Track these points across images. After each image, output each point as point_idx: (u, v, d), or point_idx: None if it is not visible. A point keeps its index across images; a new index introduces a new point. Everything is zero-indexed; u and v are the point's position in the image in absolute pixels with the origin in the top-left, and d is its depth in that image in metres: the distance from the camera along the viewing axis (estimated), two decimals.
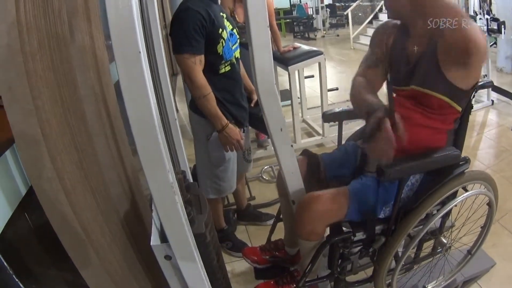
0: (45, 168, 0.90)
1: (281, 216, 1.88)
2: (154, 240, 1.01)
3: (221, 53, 1.81)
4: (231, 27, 1.90)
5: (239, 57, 1.99)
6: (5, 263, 0.96)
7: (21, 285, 0.96)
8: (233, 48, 1.89)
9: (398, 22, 1.53)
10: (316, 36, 11.59)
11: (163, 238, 1.00)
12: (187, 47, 1.69)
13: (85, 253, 1.03)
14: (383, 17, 9.57)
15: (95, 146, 1.25)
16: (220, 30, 1.77)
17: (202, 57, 1.76)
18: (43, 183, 0.91)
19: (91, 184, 1.13)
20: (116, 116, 1.54)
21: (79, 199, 1.01)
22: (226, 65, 1.87)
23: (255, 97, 1.96)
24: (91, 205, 1.09)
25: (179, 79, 4.70)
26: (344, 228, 1.52)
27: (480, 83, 1.43)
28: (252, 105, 2.20)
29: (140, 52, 0.75)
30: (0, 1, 0.83)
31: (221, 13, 1.85)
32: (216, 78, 1.86)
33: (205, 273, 1.08)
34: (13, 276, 0.97)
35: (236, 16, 3.08)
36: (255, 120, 2.17)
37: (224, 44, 1.80)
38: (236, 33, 1.95)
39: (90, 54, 1.34)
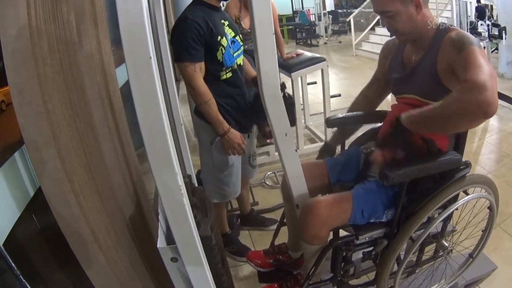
0: (55, 169, 0.92)
1: (284, 220, 1.89)
2: (161, 242, 1.02)
3: (221, 60, 1.83)
4: (233, 34, 1.92)
5: (242, 64, 2.01)
6: (12, 264, 0.97)
7: (28, 286, 0.97)
8: (234, 55, 1.91)
9: None
10: (318, 42, 11.64)
11: (170, 240, 1.01)
12: (186, 56, 1.74)
13: (92, 254, 1.04)
14: None
15: (102, 149, 1.27)
16: (219, 37, 1.80)
17: (202, 64, 1.80)
18: (53, 184, 0.93)
19: (98, 186, 1.14)
20: (122, 119, 1.56)
21: (87, 201, 1.02)
22: (227, 71, 1.89)
23: None
24: (98, 206, 1.11)
25: (182, 85, 4.72)
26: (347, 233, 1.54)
27: None
28: None
29: (150, 58, 0.76)
30: (12, 6, 0.84)
31: (222, 21, 1.87)
32: (218, 84, 1.89)
33: (211, 276, 1.10)
34: (21, 276, 0.98)
35: (242, 23, 3.11)
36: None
37: (224, 51, 1.82)
38: (239, 40, 1.97)
39: (97, 58, 1.37)
